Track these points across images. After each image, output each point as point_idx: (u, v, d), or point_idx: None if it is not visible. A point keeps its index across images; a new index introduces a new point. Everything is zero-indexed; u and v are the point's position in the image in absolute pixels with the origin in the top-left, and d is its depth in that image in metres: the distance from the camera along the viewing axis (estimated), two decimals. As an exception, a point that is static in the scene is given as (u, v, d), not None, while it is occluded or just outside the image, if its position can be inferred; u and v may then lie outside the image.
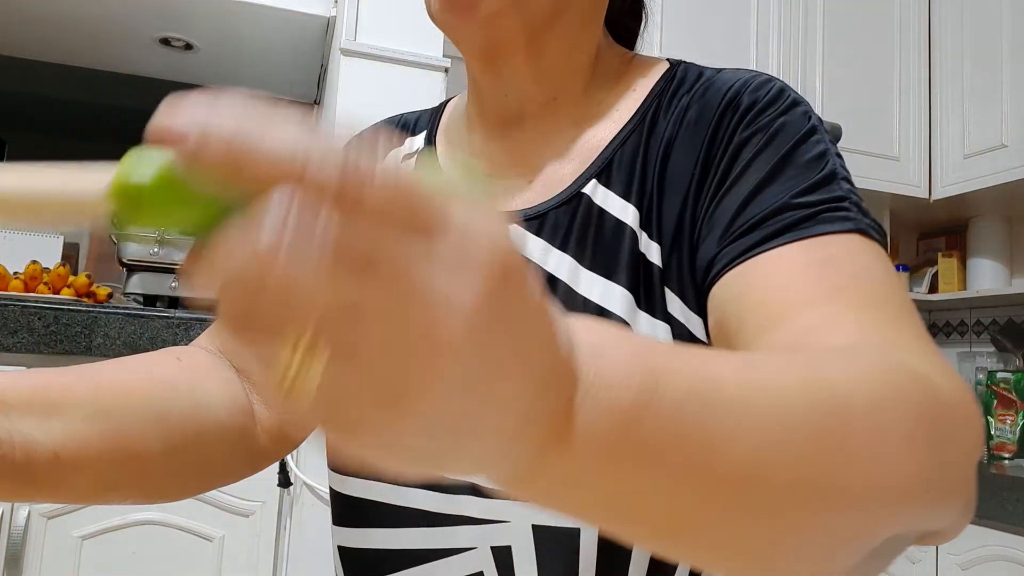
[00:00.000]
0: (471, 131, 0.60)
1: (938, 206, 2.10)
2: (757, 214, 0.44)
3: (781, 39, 1.97)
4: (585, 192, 0.53)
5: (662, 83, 0.54)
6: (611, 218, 0.51)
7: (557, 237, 0.52)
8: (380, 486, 0.52)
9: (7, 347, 1.27)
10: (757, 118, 0.48)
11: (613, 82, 0.56)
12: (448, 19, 0.51)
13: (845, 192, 0.45)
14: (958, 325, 2.35)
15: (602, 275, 0.50)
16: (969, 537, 1.48)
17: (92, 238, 1.98)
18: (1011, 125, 1.88)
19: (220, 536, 1.34)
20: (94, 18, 1.77)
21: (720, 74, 0.53)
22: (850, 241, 0.42)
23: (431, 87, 1.43)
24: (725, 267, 0.45)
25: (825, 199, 0.44)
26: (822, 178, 0.45)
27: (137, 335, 1.33)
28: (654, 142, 0.52)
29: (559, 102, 0.55)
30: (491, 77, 0.55)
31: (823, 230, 0.42)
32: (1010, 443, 1.83)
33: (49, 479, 0.43)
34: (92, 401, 0.46)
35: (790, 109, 0.48)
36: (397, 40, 1.43)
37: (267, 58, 1.93)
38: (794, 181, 0.45)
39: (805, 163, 0.46)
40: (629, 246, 0.50)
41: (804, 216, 0.43)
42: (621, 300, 0.49)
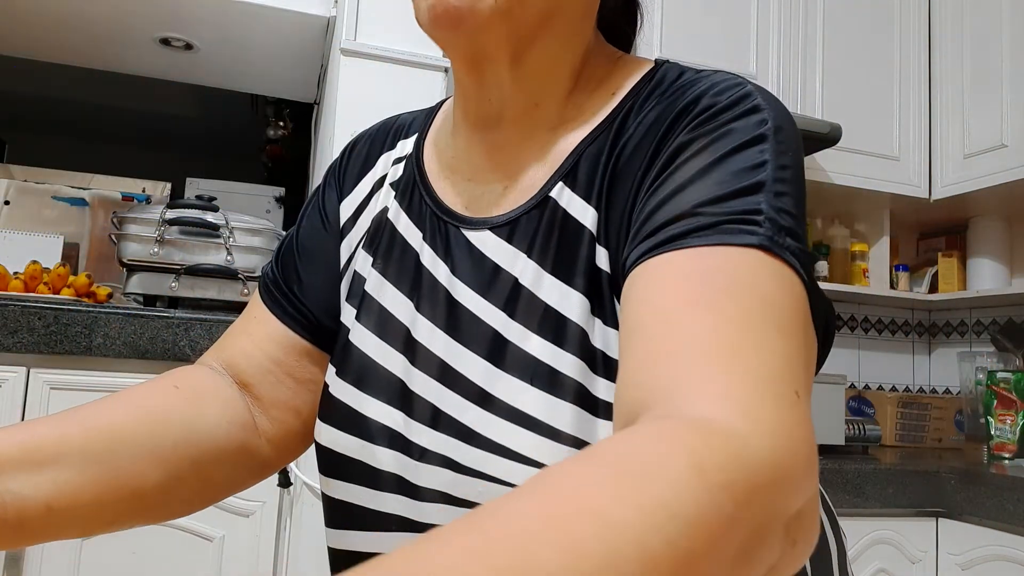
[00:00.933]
0: (455, 134, 0.59)
1: (938, 206, 2.10)
2: (666, 217, 0.42)
3: (781, 39, 1.97)
4: (552, 196, 0.52)
5: (640, 84, 0.53)
6: (573, 221, 0.51)
7: (525, 242, 0.52)
8: (358, 490, 0.53)
9: (7, 347, 1.27)
10: (708, 121, 0.46)
11: (595, 86, 0.55)
12: (435, 28, 0.51)
13: (765, 206, 0.41)
14: (958, 325, 2.35)
15: (562, 280, 0.50)
16: (969, 537, 1.49)
17: (92, 238, 1.98)
18: (1011, 125, 1.88)
19: (220, 536, 1.34)
20: (94, 18, 1.77)
21: (700, 75, 0.51)
22: (744, 255, 0.40)
23: (431, 87, 1.43)
24: (628, 269, 0.43)
25: (736, 210, 0.41)
26: (745, 187, 0.42)
27: (137, 335, 1.33)
28: (620, 142, 0.51)
29: (540, 108, 0.55)
30: (475, 80, 0.55)
31: (717, 240, 0.40)
32: (1010, 443, 1.83)
33: (44, 530, 0.45)
34: (84, 447, 0.47)
35: (746, 115, 0.45)
36: (397, 40, 1.43)
37: (267, 58, 1.93)
38: (715, 187, 0.42)
39: (736, 171, 0.43)
40: (587, 251, 0.49)
41: (705, 224, 0.41)
42: (578, 306, 0.49)
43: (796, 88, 1.97)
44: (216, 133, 3.50)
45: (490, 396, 0.49)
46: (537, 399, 0.47)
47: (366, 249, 0.60)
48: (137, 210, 1.54)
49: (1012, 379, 1.85)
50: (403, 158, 0.62)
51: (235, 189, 2.23)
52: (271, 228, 1.60)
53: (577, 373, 0.47)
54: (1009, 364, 2.01)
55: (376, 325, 0.56)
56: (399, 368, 0.54)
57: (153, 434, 0.51)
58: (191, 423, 0.54)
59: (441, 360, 0.52)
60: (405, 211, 0.59)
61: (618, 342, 0.46)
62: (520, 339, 0.49)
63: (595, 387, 0.47)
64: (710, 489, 0.29)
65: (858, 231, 2.25)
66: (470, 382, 0.50)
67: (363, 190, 0.63)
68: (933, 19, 2.13)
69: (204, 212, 1.56)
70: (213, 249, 1.53)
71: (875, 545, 1.53)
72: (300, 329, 0.61)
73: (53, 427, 0.47)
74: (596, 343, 0.48)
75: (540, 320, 0.49)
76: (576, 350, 0.47)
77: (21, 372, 1.28)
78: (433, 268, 0.55)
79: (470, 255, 0.54)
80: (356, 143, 0.68)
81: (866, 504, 1.51)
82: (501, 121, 0.55)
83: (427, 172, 0.60)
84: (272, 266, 0.65)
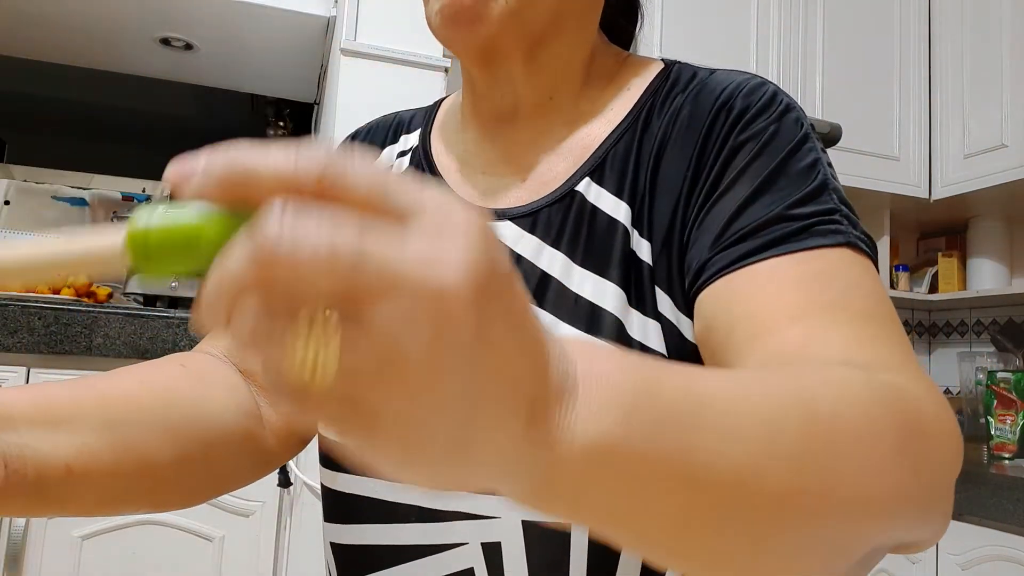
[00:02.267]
0: (464, 129, 0.60)
1: (938, 206, 2.10)
2: (750, 224, 0.44)
3: (781, 39, 1.97)
4: (578, 190, 0.53)
5: (657, 82, 0.55)
6: (604, 215, 0.52)
7: (550, 234, 0.53)
8: (372, 482, 0.52)
9: (7, 347, 1.27)
10: (751, 124, 0.48)
11: (606, 82, 0.57)
12: (450, 35, 0.51)
13: (836, 204, 0.45)
14: (958, 325, 2.35)
15: (594, 272, 0.50)
16: (969, 537, 1.48)
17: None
18: (1011, 125, 1.88)
19: (220, 536, 1.34)
20: (94, 18, 1.77)
21: (714, 75, 0.53)
22: (840, 255, 0.43)
23: (431, 87, 1.44)
24: (715, 274, 0.45)
25: (817, 211, 0.44)
26: (814, 189, 0.45)
27: (137, 335, 1.33)
28: (647, 141, 0.52)
29: (553, 102, 0.56)
30: (487, 78, 0.55)
31: (815, 243, 0.43)
32: (1010, 443, 1.83)
33: (61, 494, 0.42)
34: (100, 413, 0.45)
35: (783, 116, 0.48)
36: (397, 40, 1.43)
37: (267, 58, 1.93)
38: (787, 192, 0.45)
39: (797, 173, 0.46)
40: (621, 243, 0.50)
41: (796, 229, 0.43)
42: (613, 297, 0.49)
43: (796, 88, 1.97)
44: (216, 133, 3.50)
45: None
46: None
47: None
48: (137, 210, 1.55)
49: (1012, 379, 1.85)
50: (407, 151, 0.63)
51: (235, 189, 2.23)
52: (271, 228, 1.60)
53: None
54: (1009, 364, 2.01)
55: None
56: None
57: (165, 408, 0.49)
58: (199, 403, 0.52)
59: None
60: None
61: (658, 333, 0.48)
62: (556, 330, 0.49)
63: None
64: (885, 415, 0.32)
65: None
66: None
67: None
68: (933, 19, 2.13)
69: (204, 212, 1.56)
70: (213, 249, 1.53)
71: (875, 545, 1.53)
72: None
73: (66, 390, 0.45)
74: (634, 334, 0.48)
75: (571, 310, 0.50)
76: (611, 340, 0.48)
77: (21, 372, 1.28)
78: None
79: None
80: (355, 138, 0.68)
81: (866, 504, 1.51)
82: (516, 116, 0.56)
83: (437, 164, 0.60)
84: None
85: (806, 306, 0.40)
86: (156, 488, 0.49)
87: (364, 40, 1.41)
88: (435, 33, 0.53)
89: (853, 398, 0.32)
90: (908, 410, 0.33)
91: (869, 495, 0.31)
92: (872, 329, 0.40)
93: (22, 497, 0.40)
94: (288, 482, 1.36)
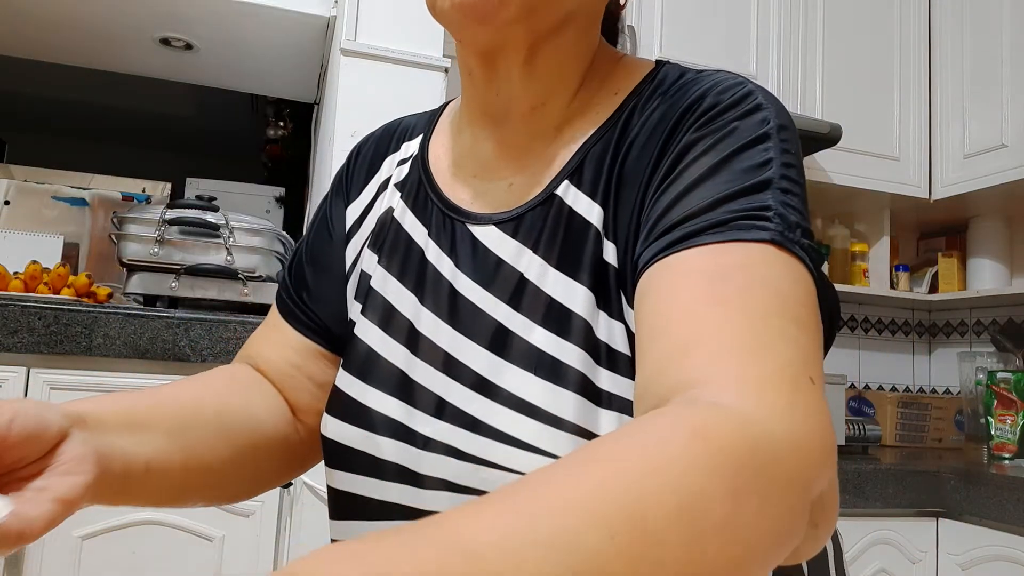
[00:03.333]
0: (460, 132, 0.61)
1: (938, 206, 2.10)
2: (679, 216, 0.44)
3: (781, 39, 1.97)
4: (557, 193, 0.53)
5: (643, 84, 0.55)
6: (579, 218, 0.52)
7: (531, 238, 0.53)
8: (362, 480, 0.54)
9: (7, 347, 1.27)
10: (713, 120, 0.47)
11: (598, 85, 0.57)
12: (460, 20, 0.51)
13: (773, 202, 0.43)
14: (958, 325, 2.35)
15: (568, 275, 0.51)
16: (969, 537, 1.49)
17: (92, 238, 1.98)
18: (1011, 125, 1.88)
19: (220, 536, 1.34)
20: (94, 18, 1.77)
21: (699, 75, 0.52)
22: (760, 251, 0.41)
23: (431, 87, 1.44)
24: (643, 267, 0.45)
25: (747, 207, 0.43)
26: (753, 185, 0.44)
27: (137, 335, 1.33)
28: (625, 141, 0.52)
29: (546, 106, 0.56)
30: (485, 74, 0.56)
31: (732, 237, 0.42)
32: (1010, 443, 1.83)
33: (140, 487, 0.50)
34: (172, 419, 0.53)
35: (749, 114, 0.47)
36: (397, 40, 1.43)
37: (267, 58, 1.93)
38: (724, 185, 0.44)
39: (743, 169, 0.45)
40: (592, 246, 0.51)
41: (718, 221, 0.42)
42: (583, 300, 0.50)
43: (796, 88, 1.97)
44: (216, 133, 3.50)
45: (494, 386, 0.50)
46: (541, 388, 0.48)
47: (371, 248, 0.62)
48: (137, 210, 1.54)
49: (1012, 379, 1.85)
50: (407, 159, 0.64)
51: (235, 189, 2.23)
52: (271, 228, 1.60)
53: (580, 364, 0.48)
54: (1009, 364, 2.01)
55: (380, 319, 0.58)
56: (401, 360, 0.55)
57: (220, 415, 0.57)
58: (247, 411, 0.59)
59: (445, 352, 0.53)
60: (411, 209, 0.60)
61: (623, 335, 0.48)
62: (524, 331, 0.51)
63: (598, 378, 0.48)
64: (711, 453, 0.31)
65: (858, 231, 2.25)
66: (474, 372, 0.51)
67: (368, 193, 0.65)
68: (933, 19, 2.13)
69: (204, 212, 1.56)
70: (213, 249, 1.53)
71: (875, 545, 1.53)
72: (312, 334, 0.64)
73: (145, 399, 0.53)
74: (601, 335, 0.49)
75: (544, 313, 0.51)
76: (580, 341, 0.49)
77: (21, 372, 1.28)
78: (437, 263, 0.57)
79: (474, 250, 0.55)
80: (360, 149, 0.69)
81: (866, 504, 1.51)
82: (508, 117, 0.57)
83: (432, 171, 0.61)
84: (285, 275, 0.69)
85: (700, 304, 0.40)
86: (214, 484, 0.56)
87: (364, 40, 1.41)
88: (445, 22, 0.52)
89: (678, 483, 0.29)
90: (746, 449, 0.32)
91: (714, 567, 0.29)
92: (758, 331, 0.38)
93: (109, 489, 0.47)
94: (288, 482, 1.36)
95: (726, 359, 0.37)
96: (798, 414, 0.35)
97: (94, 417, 0.47)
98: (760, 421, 0.34)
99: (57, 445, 0.44)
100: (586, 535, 0.26)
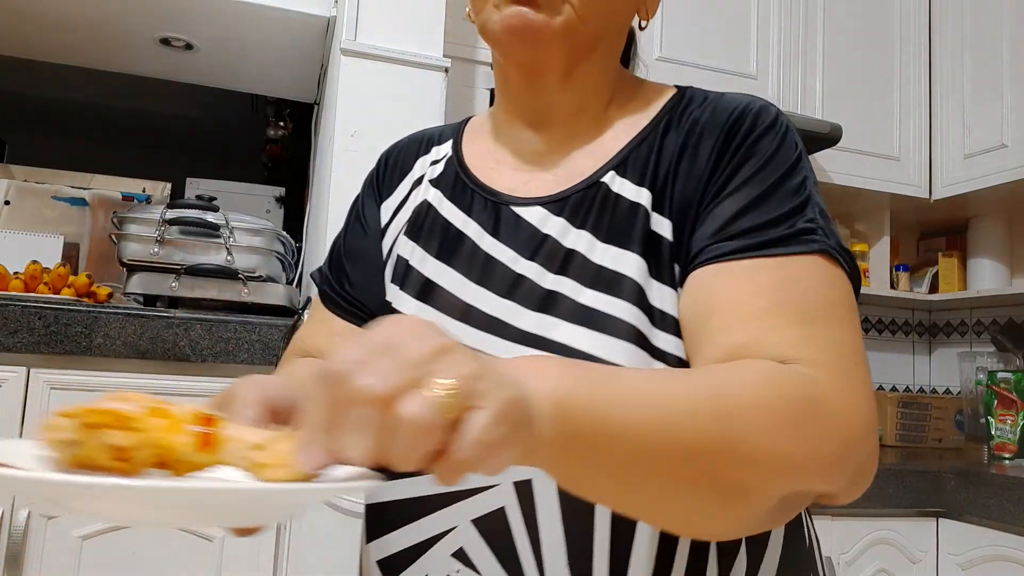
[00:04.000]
0: (498, 133, 0.68)
1: (938, 206, 2.10)
2: (746, 226, 0.54)
3: (781, 39, 1.97)
4: (603, 181, 0.61)
5: (673, 101, 0.64)
6: (625, 200, 0.60)
7: (577, 217, 0.60)
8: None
9: (7, 347, 1.27)
10: (758, 141, 0.58)
11: (628, 98, 0.66)
12: (509, 40, 0.59)
13: (817, 217, 0.55)
14: (958, 325, 2.35)
15: (617, 246, 0.58)
16: (969, 537, 1.49)
17: (92, 238, 1.98)
18: (1011, 125, 1.88)
19: (220, 536, 1.34)
20: (94, 18, 1.77)
21: (724, 96, 0.62)
22: (813, 261, 0.53)
23: (431, 87, 1.43)
24: (709, 260, 0.54)
25: (799, 226, 0.54)
26: (799, 205, 0.55)
27: (137, 335, 1.33)
28: (668, 144, 0.61)
29: (585, 112, 0.65)
30: (526, 86, 0.64)
31: (792, 250, 0.53)
32: (1010, 443, 1.83)
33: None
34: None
35: (784, 137, 0.58)
36: (397, 40, 1.43)
37: (267, 58, 1.93)
38: (777, 204, 0.55)
39: (788, 190, 0.56)
40: (642, 222, 0.58)
41: (780, 236, 0.53)
42: (635, 265, 0.57)
43: (796, 88, 1.97)
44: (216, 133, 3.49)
45: (545, 339, 0.56)
46: (593, 339, 0.55)
47: (407, 235, 0.67)
48: (137, 210, 1.54)
49: (1012, 379, 1.85)
50: (440, 160, 0.71)
51: (235, 189, 2.23)
52: (271, 228, 1.60)
53: (633, 318, 0.55)
54: (1009, 364, 2.01)
55: (418, 292, 0.63)
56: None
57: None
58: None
59: (492, 316, 0.59)
60: (448, 198, 0.67)
61: (674, 300, 0.56)
62: (573, 293, 0.57)
63: (655, 338, 0.55)
64: (783, 389, 0.45)
65: (858, 231, 2.25)
66: (522, 331, 0.57)
67: (402, 191, 0.71)
68: (933, 20, 2.13)
69: (204, 212, 1.55)
70: (213, 249, 1.53)
71: (875, 545, 1.53)
72: (358, 320, 0.69)
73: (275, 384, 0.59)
74: (654, 301, 0.56)
75: (594, 277, 0.58)
76: (632, 299, 0.56)
77: (21, 372, 1.28)
78: (478, 239, 0.63)
79: (517, 226, 0.62)
80: (390, 155, 0.75)
81: (866, 504, 1.51)
82: (550, 121, 0.65)
83: (469, 166, 0.68)
84: (324, 273, 0.74)
85: (767, 306, 0.51)
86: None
87: (364, 40, 1.41)
88: (494, 42, 0.61)
89: (753, 386, 0.44)
90: (808, 396, 0.45)
91: (760, 453, 0.43)
92: (815, 330, 0.50)
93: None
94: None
95: (792, 347, 0.48)
96: (848, 389, 0.47)
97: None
98: (820, 385, 0.46)
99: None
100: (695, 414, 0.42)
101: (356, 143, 1.36)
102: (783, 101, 1.95)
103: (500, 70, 0.66)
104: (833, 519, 1.51)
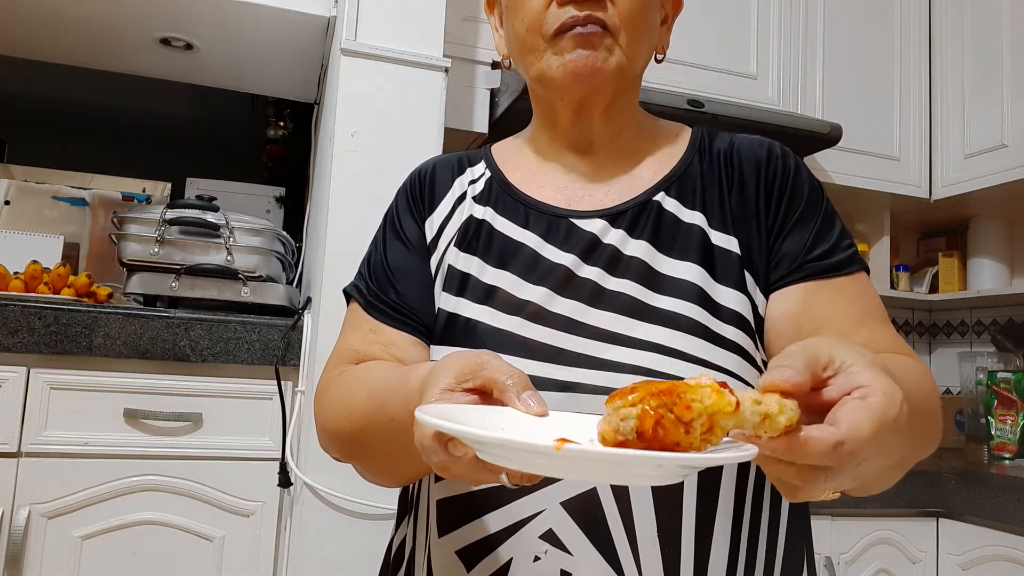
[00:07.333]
0: (542, 156, 0.76)
1: (938, 206, 2.10)
2: (820, 251, 0.67)
3: (781, 39, 1.97)
4: (656, 199, 0.70)
5: (696, 135, 0.76)
6: (679, 219, 0.69)
7: (635, 229, 0.68)
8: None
9: (7, 347, 1.27)
10: (795, 180, 0.70)
11: (655, 131, 0.76)
12: (571, 83, 0.66)
13: (851, 243, 0.69)
14: (958, 325, 2.35)
15: (676, 257, 0.66)
16: (969, 537, 1.48)
17: (92, 238, 1.98)
18: (1011, 125, 1.88)
19: (220, 536, 1.34)
20: (94, 18, 1.77)
21: (740, 136, 0.74)
22: (863, 276, 0.68)
23: (431, 87, 1.43)
24: (803, 277, 0.66)
25: (848, 248, 0.68)
26: (842, 229, 0.70)
27: (137, 335, 1.33)
28: (707, 174, 0.72)
29: (621, 138, 0.74)
30: (572, 119, 0.72)
31: (854, 269, 0.67)
32: (1010, 443, 1.83)
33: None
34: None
35: (808, 174, 0.72)
36: (397, 40, 1.43)
37: (267, 58, 1.93)
38: (831, 231, 0.69)
39: (833, 217, 0.70)
40: (700, 238, 0.67)
41: (845, 258, 0.67)
42: (695, 272, 0.65)
43: (796, 88, 1.97)
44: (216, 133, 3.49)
45: (628, 337, 0.63)
46: (673, 336, 0.62)
47: (459, 247, 0.72)
48: (137, 210, 1.54)
49: (1012, 379, 1.85)
50: (478, 179, 0.77)
51: (235, 189, 2.23)
52: (271, 228, 1.60)
53: (700, 316, 0.64)
54: (1009, 364, 2.01)
55: (478, 297, 0.68)
56: (513, 325, 0.65)
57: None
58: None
59: (564, 316, 0.65)
60: (500, 213, 0.73)
61: (738, 300, 0.66)
62: (641, 295, 0.65)
63: (721, 330, 0.64)
64: (932, 380, 0.62)
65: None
66: (604, 330, 0.63)
67: (445, 208, 0.76)
68: (933, 19, 2.13)
69: (204, 212, 1.55)
70: (213, 249, 1.53)
71: (875, 545, 1.53)
72: (409, 329, 0.72)
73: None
74: (720, 300, 0.65)
75: (657, 282, 0.65)
76: (695, 300, 0.64)
77: (21, 372, 1.28)
78: (539, 248, 0.69)
79: (578, 236, 0.69)
80: (420, 175, 0.80)
81: (866, 504, 1.51)
82: (592, 147, 0.74)
83: (516, 184, 0.74)
84: (362, 287, 0.76)
85: (862, 315, 0.65)
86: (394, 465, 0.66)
87: (364, 40, 1.41)
88: (554, 83, 0.67)
89: (928, 380, 0.59)
90: (934, 386, 0.60)
91: (934, 432, 0.58)
92: (891, 328, 0.66)
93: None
94: (288, 482, 1.36)
95: (893, 344, 0.63)
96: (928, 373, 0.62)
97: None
98: (928, 371, 0.62)
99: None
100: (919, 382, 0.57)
101: (356, 143, 1.36)
102: (783, 101, 1.95)
103: (546, 105, 0.73)
104: (833, 519, 1.51)
